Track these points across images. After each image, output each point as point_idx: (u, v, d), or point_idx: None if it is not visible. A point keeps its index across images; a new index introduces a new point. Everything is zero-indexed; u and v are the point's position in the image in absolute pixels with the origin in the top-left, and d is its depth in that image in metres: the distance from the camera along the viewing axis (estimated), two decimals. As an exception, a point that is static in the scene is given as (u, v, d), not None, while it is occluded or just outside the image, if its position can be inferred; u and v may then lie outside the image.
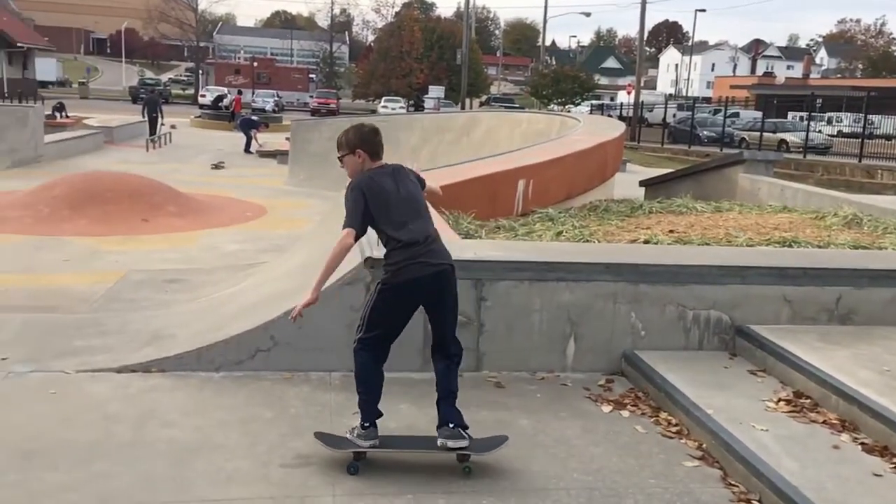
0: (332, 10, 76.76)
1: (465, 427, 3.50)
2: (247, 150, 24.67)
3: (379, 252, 4.67)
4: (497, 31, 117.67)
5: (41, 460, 3.45)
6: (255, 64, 67.00)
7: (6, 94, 44.57)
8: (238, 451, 3.65)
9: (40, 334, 5.16)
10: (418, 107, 58.19)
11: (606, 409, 4.37)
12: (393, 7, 77.40)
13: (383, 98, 58.72)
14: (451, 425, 3.48)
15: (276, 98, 50.93)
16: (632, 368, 4.80)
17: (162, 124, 26.90)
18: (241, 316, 5.17)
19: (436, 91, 59.25)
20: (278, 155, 22.39)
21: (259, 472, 3.45)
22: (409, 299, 3.52)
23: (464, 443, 3.47)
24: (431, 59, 64.23)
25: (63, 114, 28.63)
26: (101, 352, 4.86)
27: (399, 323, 3.57)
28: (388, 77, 63.48)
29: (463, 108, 39.45)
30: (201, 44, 73.19)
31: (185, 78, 78.53)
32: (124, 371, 4.51)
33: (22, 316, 5.65)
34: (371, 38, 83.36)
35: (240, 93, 39.42)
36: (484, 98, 66.65)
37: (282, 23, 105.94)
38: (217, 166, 20.27)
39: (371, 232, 3.62)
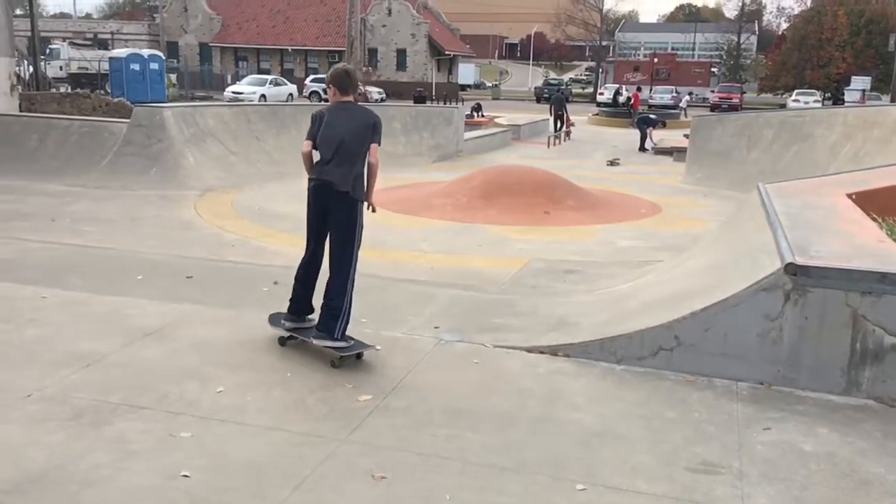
0: (743, -2, 72.59)
1: (335, 337, 4.44)
2: (641, 147, 24.69)
3: (804, 259, 4.29)
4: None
5: (467, 420, 3.88)
6: (656, 60, 66.61)
7: (434, 97, 51.25)
8: (640, 445, 3.67)
9: (464, 309, 5.81)
10: (836, 100, 51.96)
11: None
12: (814, -10, 70.23)
13: (795, 91, 53.76)
14: (319, 329, 4.51)
15: (674, 94, 49.91)
16: None
17: (572, 124, 28.53)
18: (644, 312, 5.17)
19: (860, 82, 52.27)
20: (674, 152, 21.99)
21: (663, 471, 3.42)
22: (311, 204, 4.57)
23: (329, 343, 4.45)
24: (857, 45, 56.83)
25: (479, 113, 31.89)
26: (514, 331, 5.29)
27: (313, 224, 4.59)
28: (801, 68, 57.93)
29: (894, 100, 34.17)
30: (603, 43, 75.24)
31: (585, 77, 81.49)
32: (533, 351, 4.84)
33: (449, 291, 6.43)
34: (784, 26, 76.72)
35: (638, 89, 39.54)
36: None
37: (685, 16, 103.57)
38: (612, 163, 20.67)
39: (793, 236, 3.35)
